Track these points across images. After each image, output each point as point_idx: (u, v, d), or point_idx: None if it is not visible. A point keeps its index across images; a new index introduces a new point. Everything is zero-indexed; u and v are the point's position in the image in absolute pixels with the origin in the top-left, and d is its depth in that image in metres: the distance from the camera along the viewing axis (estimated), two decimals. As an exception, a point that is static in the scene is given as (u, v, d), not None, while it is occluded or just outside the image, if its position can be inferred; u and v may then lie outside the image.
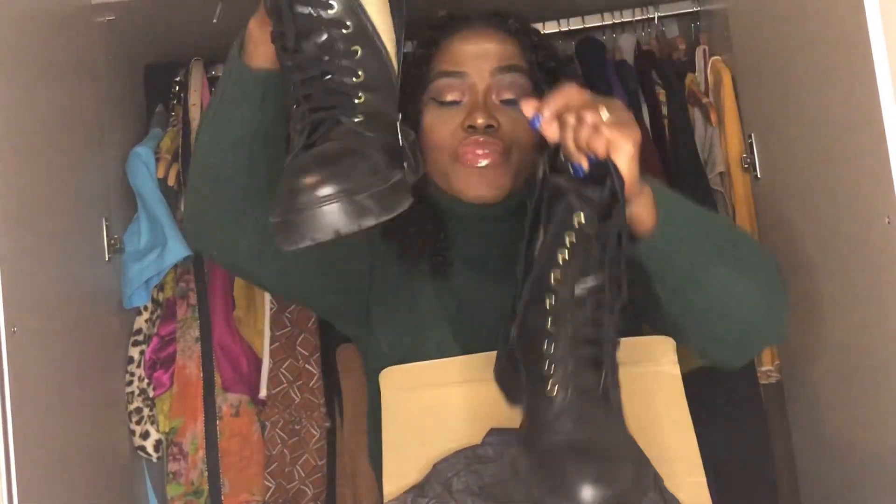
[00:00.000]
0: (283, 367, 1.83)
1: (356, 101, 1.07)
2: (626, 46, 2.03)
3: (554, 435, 1.06)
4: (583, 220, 1.06)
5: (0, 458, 1.28)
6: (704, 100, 1.87)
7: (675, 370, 1.39)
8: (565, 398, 1.07)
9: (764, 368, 1.77)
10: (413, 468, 1.29)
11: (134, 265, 1.80)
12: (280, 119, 1.24)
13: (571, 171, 1.12)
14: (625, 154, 1.09)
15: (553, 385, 1.07)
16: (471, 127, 1.41)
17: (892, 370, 1.22)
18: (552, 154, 1.14)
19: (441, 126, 1.44)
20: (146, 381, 1.82)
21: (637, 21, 2.05)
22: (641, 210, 1.16)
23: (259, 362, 1.85)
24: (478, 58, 1.44)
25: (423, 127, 1.45)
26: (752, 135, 1.73)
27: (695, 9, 2.02)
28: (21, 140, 1.44)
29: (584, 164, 1.10)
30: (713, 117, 1.84)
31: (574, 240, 1.07)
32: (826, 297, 1.45)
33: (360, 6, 1.08)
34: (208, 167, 1.26)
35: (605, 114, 1.09)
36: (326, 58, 1.07)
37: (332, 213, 0.98)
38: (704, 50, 1.94)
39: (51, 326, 1.48)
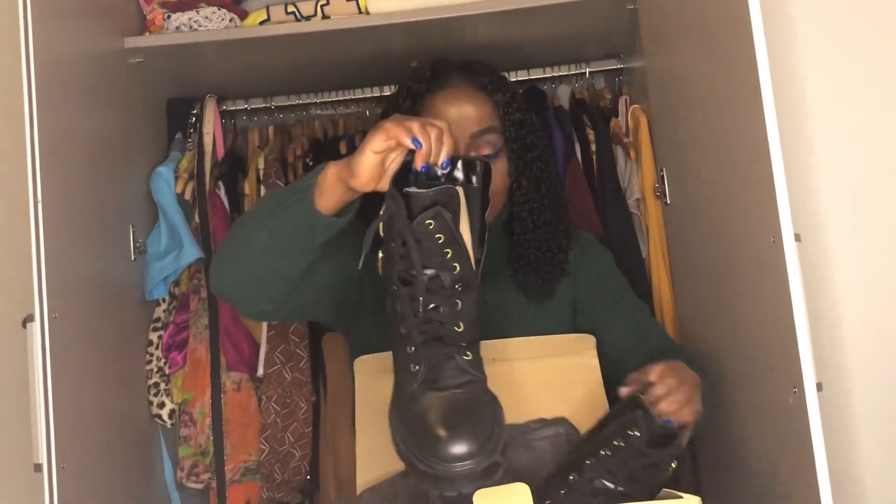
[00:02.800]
0: (278, 350, 1.82)
1: (458, 329, 1.07)
2: (563, 95, 2.04)
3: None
4: (634, 436, 1.11)
5: (41, 423, 1.27)
6: (625, 139, 1.89)
7: (595, 362, 1.40)
8: None
9: (670, 358, 1.78)
10: (382, 442, 1.28)
11: (155, 264, 1.79)
12: (324, 246, 1.23)
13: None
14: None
15: None
16: None
17: (775, 358, 1.23)
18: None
19: None
20: (163, 360, 1.80)
21: (572, 75, 2.06)
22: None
23: (258, 347, 1.83)
24: (460, 120, 1.40)
25: None
26: (664, 168, 1.74)
27: (619, 66, 2.04)
28: (64, 159, 1.42)
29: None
30: (632, 154, 1.85)
31: (621, 444, 1.11)
32: (722, 300, 1.47)
33: (467, 253, 1.09)
34: (251, 255, 1.23)
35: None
36: (435, 289, 1.07)
37: (472, 474, 0.99)
38: (626, 99, 1.96)
39: (85, 314, 1.47)
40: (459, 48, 1.84)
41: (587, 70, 2.05)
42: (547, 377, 1.37)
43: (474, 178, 1.17)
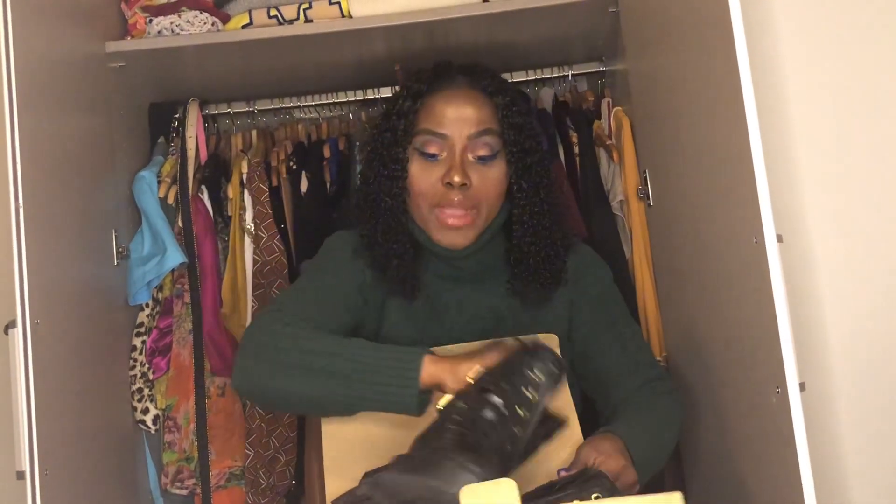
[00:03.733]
0: (262, 355, 1.81)
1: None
2: (546, 98, 2.05)
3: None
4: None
5: (24, 429, 1.27)
6: (608, 142, 1.89)
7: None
8: None
9: (654, 359, 1.79)
10: (350, 448, 1.28)
11: (138, 269, 1.78)
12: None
13: None
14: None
15: None
16: (448, 184, 1.40)
17: (758, 358, 1.24)
18: None
19: (424, 178, 1.43)
20: (147, 366, 1.80)
21: (555, 77, 2.06)
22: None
23: (242, 351, 1.83)
24: (458, 121, 1.41)
25: (410, 174, 1.44)
26: (647, 170, 1.75)
27: (601, 69, 2.04)
28: (46, 164, 1.42)
29: None
30: (615, 156, 1.86)
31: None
32: (705, 301, 1.47)
33: (528, 435, 1.13)
34: (309, 395, 1.26)
35: None
36: (497, 425, 1.11)
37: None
38: (609, 102, 1.96)
39: (68, 319, 1.46)
40: (443, 51, 1.85)
41: (570, 73, 2.05)
42: None
43: (543, 430, 1.22)
